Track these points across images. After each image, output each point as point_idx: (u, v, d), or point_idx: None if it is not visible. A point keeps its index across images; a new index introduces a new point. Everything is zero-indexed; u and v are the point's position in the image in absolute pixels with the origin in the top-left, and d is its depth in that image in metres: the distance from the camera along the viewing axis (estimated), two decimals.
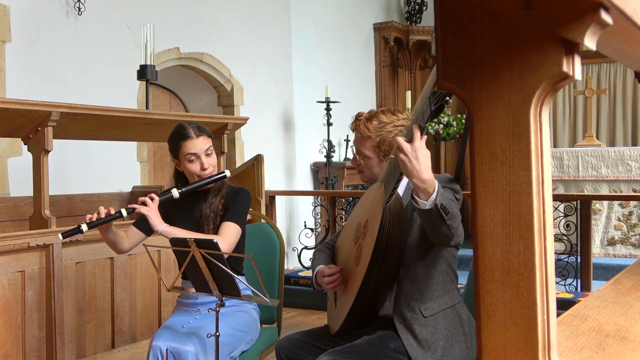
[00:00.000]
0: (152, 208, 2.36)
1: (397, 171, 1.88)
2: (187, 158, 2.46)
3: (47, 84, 4.36)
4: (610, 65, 8.18)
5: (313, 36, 7.00)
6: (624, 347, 1.10)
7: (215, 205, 2.48)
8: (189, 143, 2.44)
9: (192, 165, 2.46)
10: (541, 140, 0.74)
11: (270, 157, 5.99)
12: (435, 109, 1.62)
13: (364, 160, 2.17)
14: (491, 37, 0.75)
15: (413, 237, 2.05)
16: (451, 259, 2.13)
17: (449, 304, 2.08)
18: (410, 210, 2.06)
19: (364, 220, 2.10)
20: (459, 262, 2.28)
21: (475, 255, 0.79)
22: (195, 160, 2.46)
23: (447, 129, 7.73)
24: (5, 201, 3.88)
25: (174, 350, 2.27)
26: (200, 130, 2.48)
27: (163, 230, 2.35)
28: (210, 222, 2.46)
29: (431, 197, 1.75)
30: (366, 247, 2.00)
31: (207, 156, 2.47)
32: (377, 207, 1.99)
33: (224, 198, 2.50)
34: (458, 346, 2.04)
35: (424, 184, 1.73)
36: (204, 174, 2.46)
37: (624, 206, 5.78)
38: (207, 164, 2.46)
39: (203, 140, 2.46)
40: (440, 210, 1.76)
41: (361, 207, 2.22)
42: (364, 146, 2.15)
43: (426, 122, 1.69)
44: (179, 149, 2.47)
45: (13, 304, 2.93)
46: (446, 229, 1.82)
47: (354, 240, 2.17)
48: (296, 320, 4.80)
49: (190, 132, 2.46)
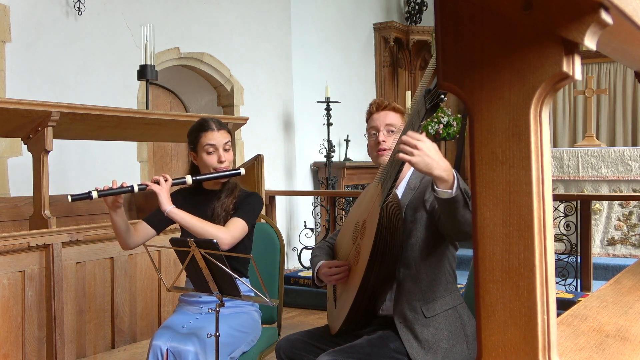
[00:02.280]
0: (164, 187, 2.36)
1: (393, 170, 1.87)
2: (206, 149, 2.48)
3: (47, 84, 4.36)
4: (610, 65, 8.18)
5: (313, 36, 7.00)
6: (624, 347, 1.10)
7: (227, 204, 2.49)
8: (209, 134, 2.48)
9: (209, 157, 2.48)
10: (541, 140, 0.74)
11: (270, 157, 5.99)
12: (430, 107, 1.62)
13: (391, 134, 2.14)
14: (491, 37, 0.75)
15: (417, 237, 2.04)
16: (452, 259, 2.13)
17: (451, 304, 2.08)
18: (412, 210, 2.06)
19: (362, 220, 2.10)
20: (459, 262, 2.28)
21: (475, 255, 0.79)
22: (214, 152, 2.48)
23: (447, 129, 7.73)
24: (5, 201, 3.88)
25: (174, 350, 2.27)
26: (221, 125, 2.53)
27: (170, 210, 2.35)
28: (221, 220, 2.46)
29: (454, 185, 1.73)
30: (364, 247, 2.00)
31: (225, 151, 2.50)
32: (375, 206, 1.98)
33: (235, 199, 2.51)
34: (459, 347, 2.03)
35: (445, 172, 1.70)
36: (220, 167, 2.48)
37: (624, 206, 5.77)
38: (224, 157, 2.49)
39: (223, 134, 2.51)
40: (464, 195, 1.74)
41: (359, 207, 2.22)
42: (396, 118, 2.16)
43: (422, 121, 1.68)
44: (199, 140, 2.50)
45: (13, 304, 2.93)
46: (470, 216, 1.79)
47: (352, 240, 2.16)
48: (296, 320, 4.80)
49: (211, 124, 2.50)
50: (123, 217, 2.43)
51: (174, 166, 5.75)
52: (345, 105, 6.88)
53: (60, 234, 3.10)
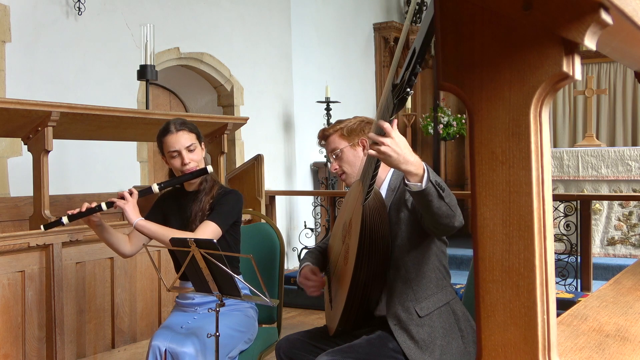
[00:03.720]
0: (130, 201, 2.34)
1: (370, 167, 1.90)
2: (170, 154, 2.46)
3: (47, 84, 4.35)
4: (610, 65, 8.18)
5: (313, 36, 7.00)
6: (624, 347, 1.10)
7: (204, 204, 2.47)
8: (169, 139, 2.44)
9: (174, 162, 2.46)
10: (541, 140, 0.74)
11: (270, 157, 5.99)
12: (397, 101, 1.66)
13: (339, 158, 2.20)
14: (491, 37, 0.75)
15: (402, 238, 2.05)
16: (441, 255, 2.13)
17: (444, 301, 2.08)
18: (395, 211, 2.07)
19: (348, 219, 2.11)
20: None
21: (475, 255, 0.79)
22: (177, 156, 2.45)
23: (447, 129, 7.73)
24: (5, 201, 3.88)
25: (172, 350, 2.27)
26: (182, 125, 2.47)
27: (137, 223, 2.34)
28: (197, 221, 2.45)
29: (424, 177, 1.75)
30: (352, 246, 2.01)
31: (189, 152, 2.45)
32: (358, 205, 2.00)
33: (213, 198, 2.49)
34: (455, 343, 2.04)
35: (413, 166, 1.74)
36: (185, 169, 2.45)
37: (624, 206, 5.77)
38: (187, 159, 2.44)
39: (183, 135, 2.44)
40: (436, 187, 1.77)
41: (345, 207, 2.23)
42: (333, 142, 2.22)
43: (391, 116, 1.72)
44: (162, 146, 2.48)
45: (13, 304, 2.93)
46: (447, 208, 1.81)
47: (341, 240, 2.17)
48: (296, 320, 4.80)
49: (170, 127, 2.45)
50: (108, 232, 2.43)
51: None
52: (345, 105, 6.88)
53: (60, 234, 3.10)
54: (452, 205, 1.83)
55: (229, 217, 2.46)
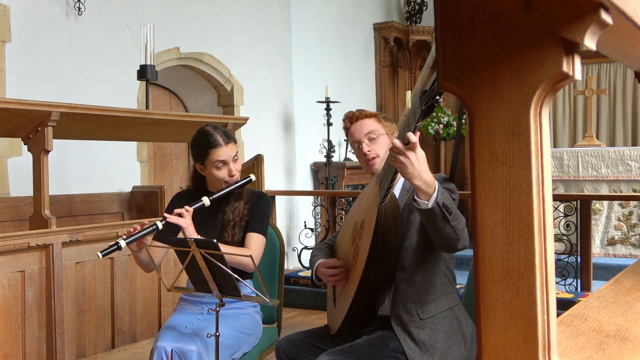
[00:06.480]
0: (188, 220, 2.34)
1: (391, 170, 1.88)
2: (215, 165, 2.43)
3: (47, 84, 4.35)
4: (610, 65, 8.18)
5: (313, 36, 7.00)
6: (624, 347, 1.10)
7: (240, 210, 2.49)
8: (218, 151, 2.42)
9: (219, 172, 2.44)
10: (541, 140, 0.74)
11: (270, 157, 5.99)
12: (425, 108, 1.64)
13: (374, 141, 2.14)
14: (491, 37, 0.75)
15: (411, 240, 2.05)
16: (449, 261, 2.13)
17: (447, 306, 2.08)
18: (407, 212, 2.06)
19: (361, 220, 2.10)
20: (459, 262, 2.29)
21: (475, 255, 0.79)
22: (223, 167, 2.44)
23: (447, 129, 7.73)
24: (5, 201, 3.88)
25: (179, 350, 2.27)
26: (229, 137, 2.47)
27: None
28: (235, 226, 2.46)
29: (432, 197, 1.76)
30: (363, 247, 2.00)
31: (234, 162, 2.46)
32: (373, 207, 1.99)
33: (247, 202, 2.51)
34: (457, 348, 2.03)
35: (425, 185, 1.75)
36: (231, 180, 2.46)
37: (624, 206, 5.77)
38: (234, 171, 2.46)
39: (232, 147, 2.45)
40: (443, 209, 1.77)
41: (358, 207, 2.22)
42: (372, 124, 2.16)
43: (417, 122, 1.70)
44: (207, 156, 2.44)
45: (13, 304, 2.93)
46: (451, 231, 1.81)
47: (351, 240, 2.17)
48: (296, 320, 4.80)
49: (219, 140, 2.43)
50: (146, 253, 2.39)
51: (174, 166, 5.75)
52: (345, 105, 6.86)
53: (60, 234, 3.10)
54: (458, 229, 1.83)
55: (266, 224, 2.52)
